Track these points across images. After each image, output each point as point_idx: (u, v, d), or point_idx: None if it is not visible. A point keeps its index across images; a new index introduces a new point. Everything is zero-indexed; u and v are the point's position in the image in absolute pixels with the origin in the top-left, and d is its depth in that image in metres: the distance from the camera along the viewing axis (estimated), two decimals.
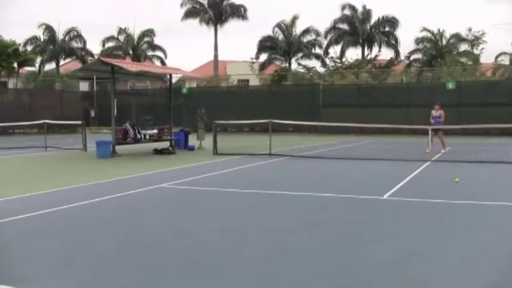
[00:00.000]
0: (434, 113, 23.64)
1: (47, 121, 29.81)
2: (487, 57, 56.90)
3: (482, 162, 19.55)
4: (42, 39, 60.20)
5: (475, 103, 37.39)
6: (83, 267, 6.88)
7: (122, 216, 10.20)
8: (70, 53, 61.14)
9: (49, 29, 59.95)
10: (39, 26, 59.44)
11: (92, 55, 60.93)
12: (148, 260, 7.12)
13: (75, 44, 61.49)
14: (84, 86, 57.81)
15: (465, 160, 20.06)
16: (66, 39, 60.76)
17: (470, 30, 55.39)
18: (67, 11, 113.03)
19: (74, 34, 61.23)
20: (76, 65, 56.23)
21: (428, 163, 19.24)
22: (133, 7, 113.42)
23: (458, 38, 55.39)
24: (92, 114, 49.65)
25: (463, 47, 55.91)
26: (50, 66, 62.08)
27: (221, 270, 6.71)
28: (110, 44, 61.91)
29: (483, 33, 55.18)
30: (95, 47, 66.02)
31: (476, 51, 55.47)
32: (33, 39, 59.74)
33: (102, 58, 28.54)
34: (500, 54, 57.18)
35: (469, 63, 53.15)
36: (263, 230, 8.93)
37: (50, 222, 9.70)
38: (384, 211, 10.61)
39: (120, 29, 61.86)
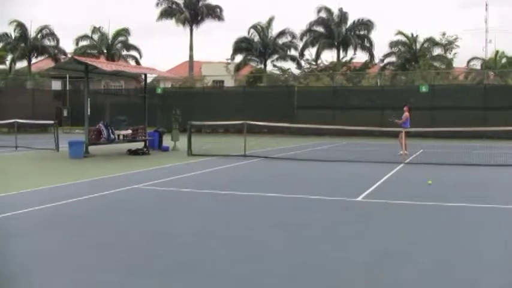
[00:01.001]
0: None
1: (18, 120, 29.46)
2: (459, 62, 57.48)
3: (454, 164, 19.71)
4: (13, 37, 59.27)
5: (448, 106, 37.74)
6: (59, 268, 6.83)
7: (97, 217, 10.10)
8: (42, 51, 60.20)
9: (21, 26, 58.93)
10: (10, 23, 58.54)
11: (65, 54, 60.15)
12: (125, 261, 7.07)
13: (48, 42, 60.56)
14: (56, 85, 57.16)
15: (438, 162, 20.19)
16: (39, 37, 59.87)
17: (444, 34, 55.89)
18: (40, 9, 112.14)
19: (47, 32, 60.36)
20: (48, 63, 55.58)
21: (401, 165, 19.35)
22: (108, 6, 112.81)
23: (432, 42, 55.80)
24: (65, 113, 49.17)
25: (437, 51, 56.36)
26: (22, 64, 61.30)
27: (197, 271, 6.68)
28: (83, 43, 61.19)
29: (456, 38, 55.72)
30: (68, 46, 65.51)
31: (449, 56, 55.99)
32: (4, 36, 58.70)
33: (76, 57, 28.28)
34: (472, 58, 57.76)
35: (442, 67, 53.59)
36: (238, 231, 8.91)
37: (25, 223, 9.58)
38: (358, 212, 10.63)
39: (94, 27, 61.24)
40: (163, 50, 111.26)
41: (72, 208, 10.86)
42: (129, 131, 24.89)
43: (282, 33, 59.74)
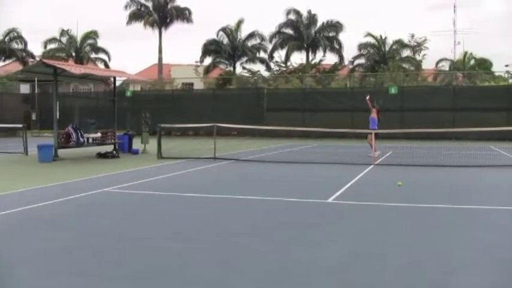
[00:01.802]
0: (376, 115, 23.82)
1: None
2: (428, 63, 58.04)
3: (423, 165, 19.89)
4: None
5: (417, 108, 38.10)
6: (30, 272, 6.72)
7: (67, 221, 9.98)
8: (10, 54, 59.70)
9: None
10: None
11: (33, 57, 59.74)
12: (95, 266, 6.99)
13: (16, 45, 60.13)
14: (25, 88, 56.61)
15: (407, 164, 20.36)
16: (6, 40, 59.36)
17: (412, 36, 56.43)
18: (7, 12, 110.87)
19: (14, 35, 59.90)
20: (16, 66, 55.10)
21: (371, 166, 19.46)
22: (77, 8, 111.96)
23: (401, 44, 56.31)
24: (33, 117, 48.62)
25: (406, 52, 56.89)
26: None
27: (168, 274, 6.63)
28: (52, 46, 60.80)
29: (425, 40, 56.29)
30: (36, 49, 64.83)
31: (418, 57, 56.53)
32: None
33: (44, 60, 28.00)
34: (441, 60, 58.40)
35: (411, 68, 54.08)
36: (209, 234, 8.86)
37: None
38: (329, 214, 10.65)
39: (63, 30, 60.85)
40: (132, 53, 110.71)
41: (41, 212, 10.74)
42: (99, 134, 24.75)
43: (251, 36, 59.90)
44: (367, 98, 24.34)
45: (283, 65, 59.61)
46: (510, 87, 42.86)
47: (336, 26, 58.48)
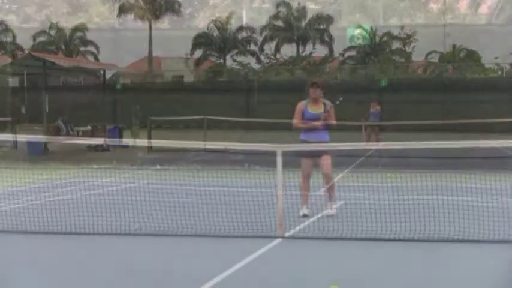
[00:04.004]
0: (371, 109, 23.76)
1: None
2: (418, 55, 58.01)
3: (414, 157, 19.90)
4: None
5: (407, 100, 38.11)
6: (16, 272, 6.69)
7: (56, 217, 9.92)
8: None
9: None
10: None
11: (22, 50, 59.44)
12: (84, 263, 6.98)
13: (4, 38, 59.81)
14: (14, 82, 56.26)
15: (398, 156, 20.37)
16: None
17: (402, 28, 56.45)
18: None
19: (3, 28, 59.60)
20: (5, 59, 54.82)
21: (362, 158, 19.49)
22: (66, 1, 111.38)
23: (390, 36, 56.33)
24: (23, 110, 48.38)
25: (396, 45, 56.89)
26: None
27: (156, 272, 6.63)
28: (41, 39, 60.53)
29: (414, 32, 56.32)
30: (25, 42, 64.31)
31: (408, 49, 56.54)
32: None
33: (33, 53, 27.89)
34: (431, 52, 58.35)
35: (401, 60, 54.15)
36: (201, 226, 8.87)
37: None
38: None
39: (52, 23, 60.60)
40: (122, 46, 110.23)
41: (30, 206, 10.70)
42: (89, 128, 24.69)
43: (241, 28, 59.79)
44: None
45: (274, 58, 59.54)
46: (499, 79, 43.02)
47: (326, 19, 58.48)
